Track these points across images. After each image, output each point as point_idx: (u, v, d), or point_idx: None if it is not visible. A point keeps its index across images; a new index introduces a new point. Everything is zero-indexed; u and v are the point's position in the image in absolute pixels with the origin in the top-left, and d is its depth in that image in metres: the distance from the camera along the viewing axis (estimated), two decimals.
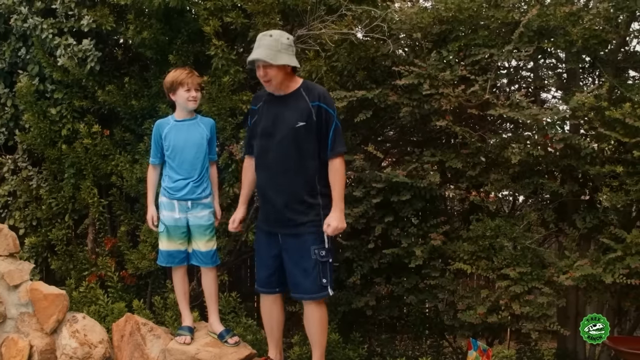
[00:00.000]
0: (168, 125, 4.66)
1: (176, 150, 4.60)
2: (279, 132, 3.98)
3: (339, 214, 3.96)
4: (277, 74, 3.91)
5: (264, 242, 4.27)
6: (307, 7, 5.55)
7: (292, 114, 3.95)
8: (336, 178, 3.98)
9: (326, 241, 4.02)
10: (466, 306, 5.43)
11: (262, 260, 4.30)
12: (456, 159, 5.52)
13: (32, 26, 5.96)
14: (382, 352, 6.25)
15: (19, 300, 5.04)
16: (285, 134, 3.95)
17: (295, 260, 4.06)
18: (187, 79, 4.51)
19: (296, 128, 3.92)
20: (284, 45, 3.91)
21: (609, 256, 4.94)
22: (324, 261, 4.01)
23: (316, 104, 3.93)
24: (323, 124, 3.94)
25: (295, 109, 3.96)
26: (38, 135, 6.24)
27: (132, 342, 4.87)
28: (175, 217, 4.62)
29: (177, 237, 4.67)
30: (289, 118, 3.96)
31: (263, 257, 4.30)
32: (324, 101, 3.95)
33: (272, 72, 3.89)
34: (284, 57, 3.88)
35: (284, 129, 3.96)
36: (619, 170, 5.01)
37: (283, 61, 3.88)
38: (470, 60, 5.38)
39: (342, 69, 5.65)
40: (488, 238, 5.36)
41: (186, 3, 5.60)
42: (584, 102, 4.99)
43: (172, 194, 4.61)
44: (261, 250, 4.31)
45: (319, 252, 3.98)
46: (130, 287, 6.31)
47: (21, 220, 6.56)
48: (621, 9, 5.25)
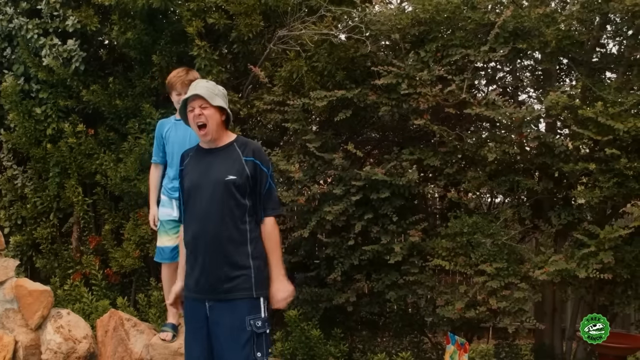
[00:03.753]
0: (169, 125, 4.66)
1: (174, 149, 4.57)
2: (208, 186, 3.58)
3: (283, 283, 3.62)
4: (212, 116, 3.57)
5: (191, 311, 3.72)
6: (287, 8, 5.65)
7: (223, 167, 3.58)
8: (272, 241, 3.63)
9: (262, 310, 3.57)
10: (445, 302, 5.49)
11: (192, 332, 3.72)
12: (434, 157, 5.61)
13: (17, 26, 6.04)
14: (364, 348, 6.30)
15: (3, 296, 5.10)
16: (214, 188, 3.55)
17: (226, 332, 3.54)
18: (177, 83, 4.47)
19: (226, 182, 3.52)
20: (220, 92, 3.67)
21: (583, 251, 5.01)
22: (259, 332, 3.52)
23: (250, 160, 3.60)
24: (257, 181, 3.60)
25: (226, 162, 3.60)
26: (23, 135, 6.31)
27: (116, 337, 4.94)
28: (173, 214, 4.61)
29: (171, 232, 4.65)
30: (219, 171, 3.57)
31: (192, 330, 3.73)
32: (258, 158, 3.62)
33: (208, 112, 3.56)
34: (220, 100, 3.61)
35: (213, 182, 3.57)
36: (592, 168, 5.07)
37: (219, 103, 3.59)
38: (447, 61, 5.47)
39: (322, 69, 5.73)
40: (466, 235, 5.41)
41: (169, 4, 5.69)
42: (558, 102, 5.08)
43: (171, 194, 4.62)
44: (190, 321, 3.75)
45: (254, 322, 3.51)
46: (115, 285, 6.37)
47: (6, 219, 6.63)
48: (592, 10, 5.35)
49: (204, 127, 3.59)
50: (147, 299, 5.83)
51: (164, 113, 5.78)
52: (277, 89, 5.73)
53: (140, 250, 6.06)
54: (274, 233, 3.65)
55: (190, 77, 4.47)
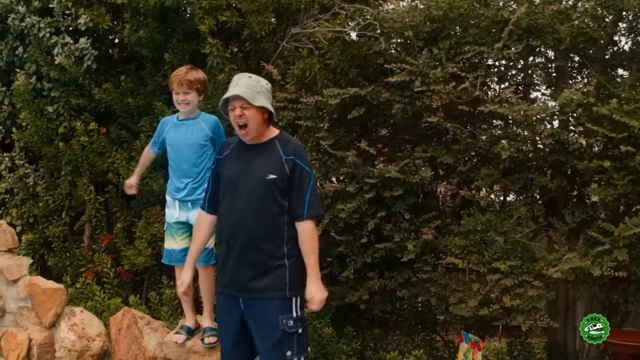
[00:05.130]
0: (170, 124, 4.53)
1: (174, 151, 4.47)
2: (246, 183, 3.51)
3: (318, 285, 3.48)
4: (254, 117, 3.46)
5: (224, 307, 3.70)
6: (300, 6, 5.64)
7: (263, 165, 3.49)
8: (310, 243, 3.50)
9: (295, 309, 3.51)
10: (458, 300, 5.49)
11: (225, 329, 3.74)
12: (447, 154, 5.61)
13: (29, 25, 6.04)
14: (375, 346, 6.31)
15: (17, 294, 5.08)
16: (253, 186, 3.48)
17: (258, 331, 3.54)
18: (174, 82, 4.30)
19: (266, 181, 3.45)
20: (263, 88, 3.53)
21: (597, 249, 5.02)
22: (291, 332, 3.49)
23: (291, 158, 3.49)
24: (296, 181, 3.49)
25: (266, 160, 3.51)
26: (35, 133, 6.30)
27: (130, 335, 4.92)
28: (175, 215, 4.50)
29: (177, 234, 4.53)
30: (259, 169, 3.49)
31: (225, 325, 3.74)
32: (299, 157, 3.51)
33: (250, 112, 3.45)
34: (262, 99, 3.48)
35: (251, 180, 3.49)
36: (607, 165, 5.06)
37: (261, 103, 3.46)
38: (460, 58, 5.48)
39: (335, 66, 5.73)
40: (479, 232, 5.42)
41: (182, 2, 5.69)
42: (572, 99, 5.07)
43: (174, 195, 4.50)
44: (223, 317, 3.74)
45: (286, 322, 3.47)
46: (126, 283, 6.37)
47: (18, 218, 6.62)
48: (607, 7, 5.34)
49: (245, 127, 3.49)
50: (159, 297, 5.83)
51: (176, 111, 5.77)
52: (290, 86, 5.72)
53: (152, 248, 6.05)
54: (312, 235, 3.52)
55: (189, 76, 4.28)
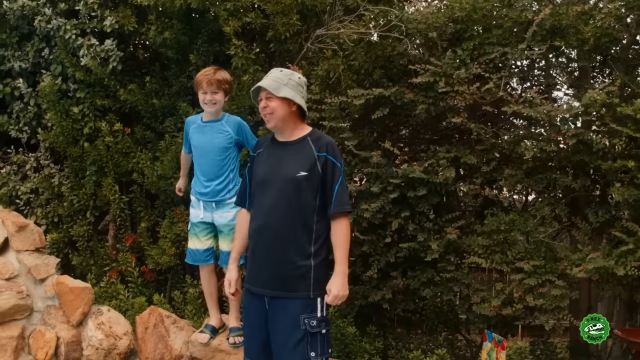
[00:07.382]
0: (194, 125, 4.56)
1: (198, 153, 4.51)
2: (277, 182, 3.53)
3: (341, 280, 3.45)
4: (278, 108, 3.51)
5: (250, 305, 3.71)
6: (325, 8, 5.68)
7: (295, 162, 3.51)
8: (341, 238, 3.50)
9: (319, 309, 3.49)
10: (480, 299, 5.52)
11: (250, 326, 3.76)
12: (471, 154, 5.62)
13: (55, 27, 6.11)
14: (398, 346, 6.34)
15: (45, 293, 5.15)
16: (284, 185, 3.50)
17: (281, 330, 3.52)
18: (203, 82, 4.32)
19: (297, 178, 3.47)
20: (293, 82, 3.56)
21: (621, 249, 5.02)
22: (314, 332, 3.46)
23: (323, 155, 3.50)
24: (328, 177, 3.50)
25: (298, 157, 3.53)
26: (60, 134, 6.37)
27: (156, 334, 4.97)
28: (200, 216, 4.54)
29: (202, 235, 4.58)
30: (290, 167, 3.51)
31: (250, 323, 3.75)
32: (331, 153, 3.52)
33: (273, 104, 3.50)
34: (288, 91, 3.51)
35: (282, 178, 3.51)
36: (630, 165, 5.07)
37: (285, 94, 3.50)
38: (484, 59, 5.49)
39: (359, 67, 5.76)
40: (502, 232, 5.43)
41: (207, 4, 5.73)
42: (596, 99, 5.07)
43: (199, 196, 4.54)
44: (249, 315, 3.75)
45: (309, 321, 3.45)
46: (150, 282, 6.43)
47: (43, 217, 6.68)
48: (631, 8, 5.35)
49: (270, 116, 3.55)
50: (183, 295, 5.88)
51: (200, 111, 5.82)
52: (314, 87, 5.76)
53: (175, 247, 6.10)
54: (345, 230, 3.52)
55: (218, 76, 4.34)
